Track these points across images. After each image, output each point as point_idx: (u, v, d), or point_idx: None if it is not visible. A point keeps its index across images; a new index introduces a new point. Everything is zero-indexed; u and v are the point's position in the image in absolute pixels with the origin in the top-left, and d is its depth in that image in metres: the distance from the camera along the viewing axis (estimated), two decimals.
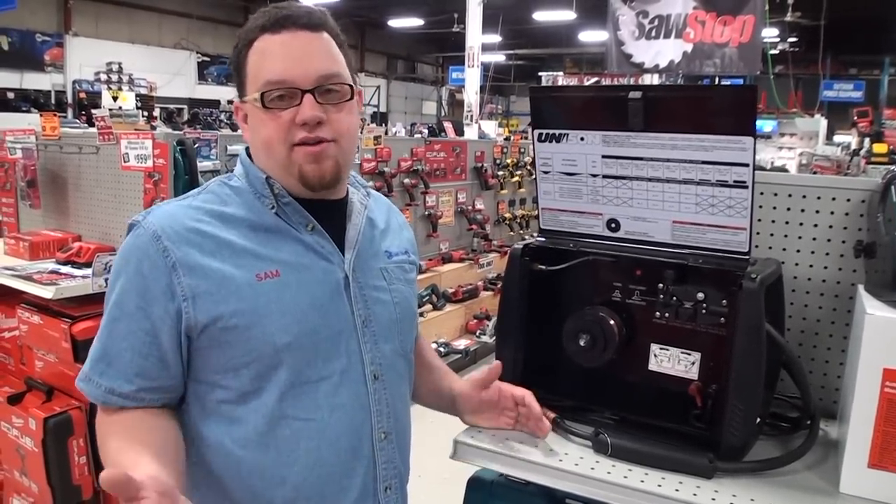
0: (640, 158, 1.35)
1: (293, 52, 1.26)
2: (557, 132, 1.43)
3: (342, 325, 1.30)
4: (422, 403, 1.60)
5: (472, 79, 12.09)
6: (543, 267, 1.49)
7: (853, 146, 10.44)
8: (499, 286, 6.72)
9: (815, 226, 1.55)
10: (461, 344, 6.00)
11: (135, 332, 1.22)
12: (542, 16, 17.84)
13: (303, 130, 1.25)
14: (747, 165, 1.25)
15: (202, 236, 1.25)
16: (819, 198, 1.54)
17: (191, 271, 1.22)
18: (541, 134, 1.45)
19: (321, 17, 1.30)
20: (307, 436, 1.26)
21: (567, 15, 16.42)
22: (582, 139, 1.40)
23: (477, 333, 6.30)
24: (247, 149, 1.38)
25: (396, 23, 21.29)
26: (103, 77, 17.24)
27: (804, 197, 1.55)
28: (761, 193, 1.56)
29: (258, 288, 1.23)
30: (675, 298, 1.35)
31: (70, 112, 15.79)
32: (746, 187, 1.27)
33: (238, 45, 1.31)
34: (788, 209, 1.57)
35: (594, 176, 1.42)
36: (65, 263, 3.13)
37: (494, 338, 6.04)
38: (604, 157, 1.39)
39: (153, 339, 1.22)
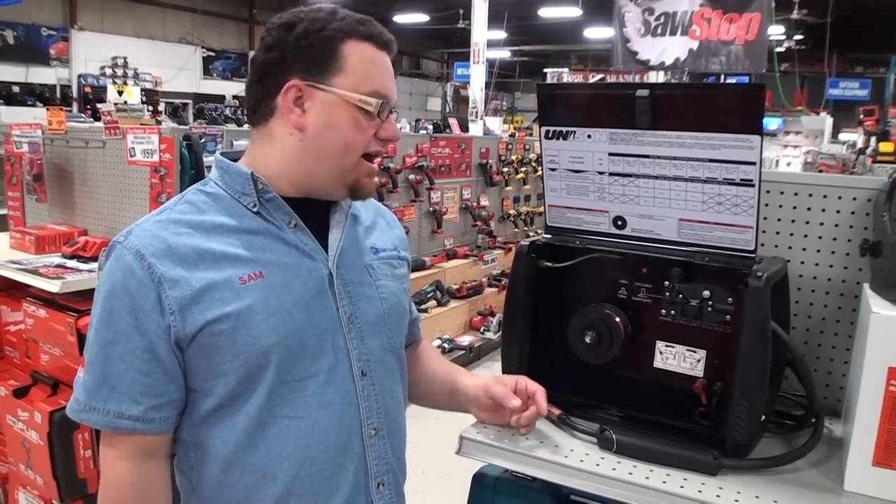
0: (647, 156, 1.35)
1: (390, 72, 1.32)
2: (564, 129, 1.43)
3: (328, 323, 1.30)
4: (433, 405, 1.61)
5: (477, 75, 12.05)
6: (550, 264, 1.49)
7: (859, 145, 10.40)
8: (503, 282, 6.75)
9: (821, 224, 1.55)
10: (465, 340, 6.01)
11: (132, 351, 1.21)
12: (547, 12, 17.78)
13: (380, 145, 1.32)
14: (754, 164, 1.25)
15: (183, 249, 1.23)
16: (825, 196, 1.54)
17: (175, 285, 1.21)
18: (548, 131, 1.45)
19: None
20: (296, 433, 1.27)
21: (573, 11, 16.38)
22: (589, 136, 1.40)
23: (481, 330, 6.31)
24: (223, 152, 1.37)
25: (402, 18, 21.22)
26: (108, 71, 17.20)
27: (810, 195, 1.55)
28: (767, 192, 1.56)
29: (242, 291, 1.23)
30: (680, 296, 1.35)
31: (75, 106, 15.78)
32: (753, 186, 1.27)
33: (329, 27, 1.26)
34: (794, 207, 1.57)
35: (601, 173, 1.42)
36: (71, 257, 3.14)
37: (499, 334, 6.06)
38: (611, 154, 1.39)
39: (152, 355, 1.21)
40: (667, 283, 1.37)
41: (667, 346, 1.39)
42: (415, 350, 1.62)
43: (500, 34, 17.30)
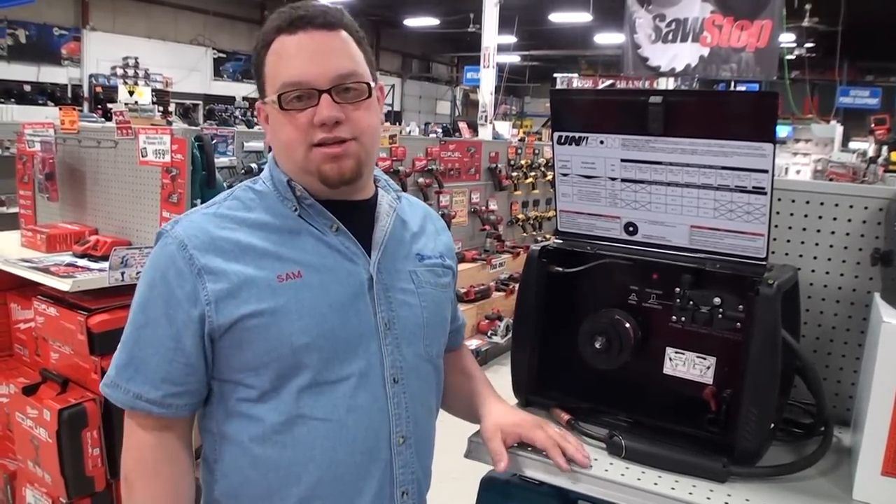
0: (660, 163, 1.35)
1: (309, 52, 1.26)
2: (577, 135, 1.43)
3: (363, 328, 1.30)
4: (453, 413, 1.58)
5: (487, 79, 12.09)
6: (561, 269, 1.49)
7: (870, 154, 10.37)
8: (511, 287, 6.74)
9: (832, 233, 1.55)
10: (472, 344, 6.00)
11: (160, 338, 1.26)
12: (558, 17, 17.80)
13: (321, 131, 1.25)
14: (766, 172, 1.25)
15: (226, 242, 1.27)
16: (836, 205, 1.54)
17: (215, 276, 1.24)
18: (560, 136, 1.45)
19: (337, 15, 1.30)
20: (323, 435, 1.27)
21: (583, 17, 16.40)
22: (601, 142, 1.40)
23: (489, 334, 6.30)
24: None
25: (412, 22, 21.29)
26: (119, 71, 17.32)
27: (822, 204, 1.55)
28: (779, 199, 1.56)
29: (278, 289, 1.25)
30: (691, 303, 1.35)
31: (86, 106, 15.87)
32: (765, 193, 1.27)
33: (257, 46, 1.32)
34: (806, 216, 1.57)
35: (613, 179, 1.42)
36: (81, 256, 3.15)
37: (507, 338, 6.06)
38: (623, 160, 1.39)
39: (177, 344, 1.25)
40: (677, 289, 1.37)
41: (676, 352, 1.39)
42: (450, 358, 1.59)
43: (511, 39, 17.34)
